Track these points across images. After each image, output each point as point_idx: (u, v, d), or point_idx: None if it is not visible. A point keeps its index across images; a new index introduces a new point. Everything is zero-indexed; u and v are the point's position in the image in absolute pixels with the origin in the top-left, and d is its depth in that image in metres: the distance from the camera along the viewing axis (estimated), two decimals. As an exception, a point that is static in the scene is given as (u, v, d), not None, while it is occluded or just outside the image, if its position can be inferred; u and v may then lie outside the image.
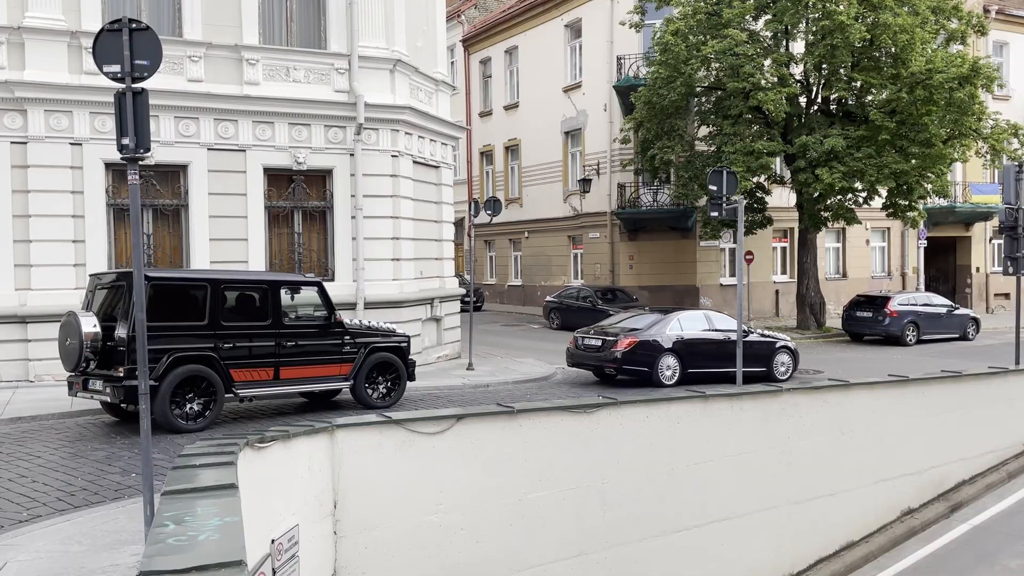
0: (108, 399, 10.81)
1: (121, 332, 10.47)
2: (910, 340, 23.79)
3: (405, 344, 13.25)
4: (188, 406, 10.90)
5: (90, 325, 10.47)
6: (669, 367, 15.89)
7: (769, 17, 23.33)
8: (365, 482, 6.83)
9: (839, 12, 21.54)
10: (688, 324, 16.62)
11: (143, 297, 6.87)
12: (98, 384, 10.77)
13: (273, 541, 5.52)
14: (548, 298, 28.75)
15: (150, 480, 6.39)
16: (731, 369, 14.93)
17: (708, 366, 16.25)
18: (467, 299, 20.21)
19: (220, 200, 15.76)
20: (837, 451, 10.23)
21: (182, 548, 3.02)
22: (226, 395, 11.28)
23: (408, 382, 13.25)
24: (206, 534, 3.19)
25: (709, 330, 16.73)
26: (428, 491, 7.16)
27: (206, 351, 11.05)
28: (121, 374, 10.35)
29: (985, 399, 12.37)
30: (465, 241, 33.95)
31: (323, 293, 12.40)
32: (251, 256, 15.89)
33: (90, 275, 12.24)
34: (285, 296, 11.99)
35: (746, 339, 15.62)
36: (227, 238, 15.76)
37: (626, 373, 15.97)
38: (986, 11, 31.48)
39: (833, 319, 27.50)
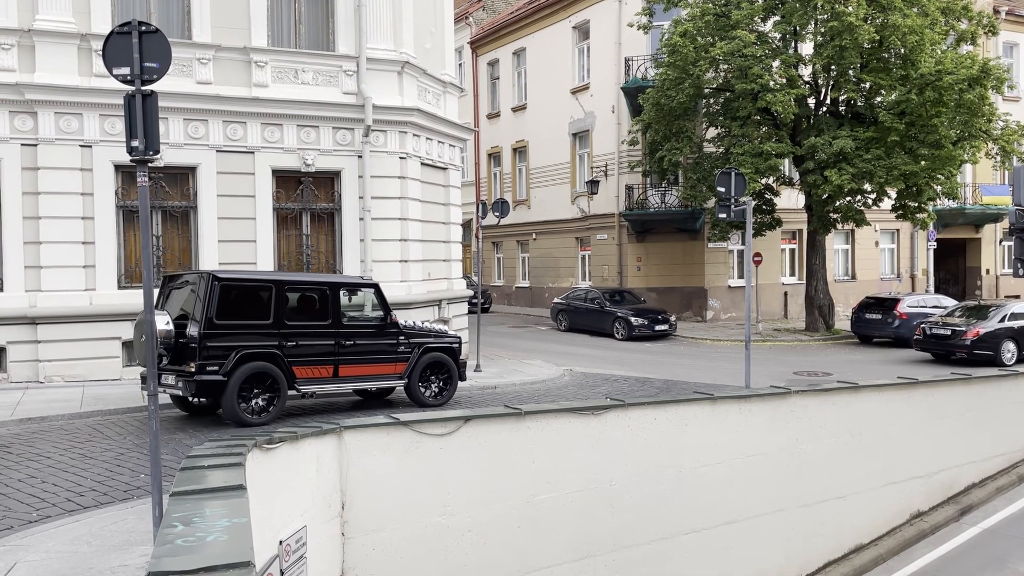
0: (180, 393, 11.29)
1: (192, 330, 10.96)
2: (920, 342, 23.66)
3: (457, 345, 13.59)
4: (254, 401, 11.32)
5: (163, 323, 10.85)
6: (1010, 351, 19.37)
7: (778, 18, 23.27)
8: (373, 483, 6.84)
9: (848, 13, 21.46)
10: (1021, 312, 20.03)
11: (152, 299, 6.88)
12: (170, 379, 11.23)
13: (281, 542, 5.54)
14: (556, 300, 28.74)
15: (159, 481, 6.41)
16: None
17: None
18: (475, 301, 20.23)
19: (229, 202, 15.81)
20: (846, 454, 10.19)
21: (191, 549, 3.03)
22: (288, 391, 11.66)
23: (459, 382, 13.57)
24: (214, 535, 3.19)
25: None
26: (435, 493, 7.17)
27: (271, 349, 11.47)
28: (192, 369, 10.85)
29: (995, 402, 12.30)
30: (473, 243, 33.98)
31: (380, 295, 12.81)
32: (259, 258, 15.93)
33: (163, 276, 12.80)
34: (344, 297, 12.45)
35: None
36: (236, 240, 15.81)
37: (974, 357, 19.11)
38: (996, 12, 31.34)
39: (842, 321, 27.38)
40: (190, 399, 11.51)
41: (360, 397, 13.62)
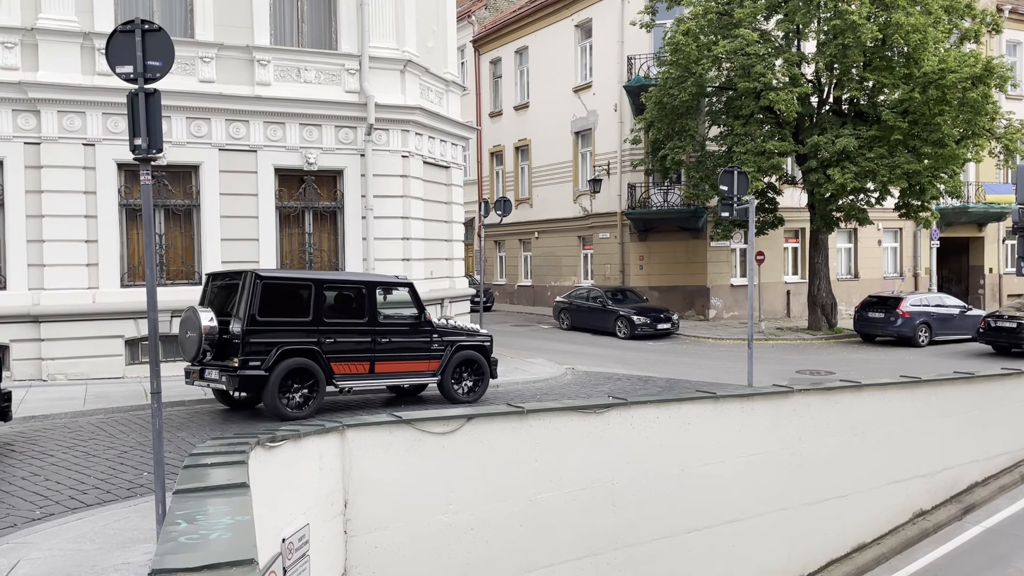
0: (223, 387, 11.58)
1: (236, 327, 11.23)
2: (922, 341, 23.64)
3: (488, 343, 13.89)
4: (293, 396, 11.59)
5: (208, 319, 11.20)
6: None
7: (780, 17, 23.24)
8: (375, 482, 6.84)
9: (851, 12, 21.43)
10: None
11: (155, 297, 6.89)
12: (214, 373, 11.52)
13: (284, 540, 5.54)
14: (558, 298, 28.72)
15: (162, 479, 6.42)
16: None
17: None
18: (477, 299, 20.26)
19: (231, 200, 15.82)
20: (849, 452, 10.18)
21: (194, 547, 3.03)
22: (326, 387, 11.92)
23: (491, 379, 13.83)
24: (217, 533, 3.20)
25: None
26: (438, 491, 7.17)
27: (310, 345, 11.80)
28: (236, 364, 11.15)
29: (998, 400, 12.28)
30: (475, 241, 33.98)
31: (414, 293, 13.10)
32: (262, 256, 15.95)
33: (207, 274, 13.06)
34: (380, 296, 12.74)
35: None
36: (239, 238, 15.83)
37: None
38: (999, 10, 31.27)
39: (845, 320, 27.38)
40: (232, 393, 11.79)
41: (393, 394, 13.92)
